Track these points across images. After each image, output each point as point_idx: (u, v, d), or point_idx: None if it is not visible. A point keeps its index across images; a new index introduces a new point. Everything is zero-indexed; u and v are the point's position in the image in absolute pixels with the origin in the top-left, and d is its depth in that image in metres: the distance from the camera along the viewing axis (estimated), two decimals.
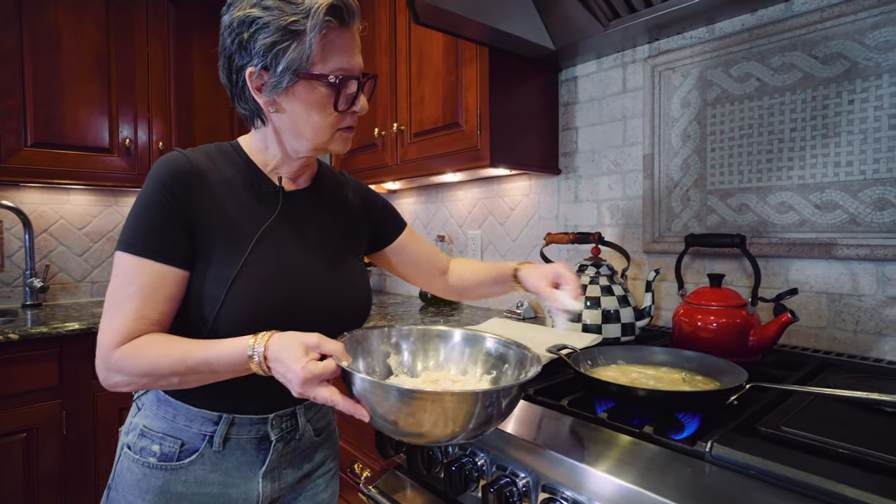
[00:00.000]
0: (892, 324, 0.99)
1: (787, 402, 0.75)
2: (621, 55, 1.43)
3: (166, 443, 0.75)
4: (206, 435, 0.75)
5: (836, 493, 0.52)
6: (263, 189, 0.78)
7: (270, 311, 0.72)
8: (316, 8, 0.67)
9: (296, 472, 0.83)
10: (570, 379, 0.90)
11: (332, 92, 0.71)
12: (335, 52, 0.70)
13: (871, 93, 1.00)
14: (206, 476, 0.75)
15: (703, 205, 1.26)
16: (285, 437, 0.80)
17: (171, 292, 0.70)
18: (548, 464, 0.70)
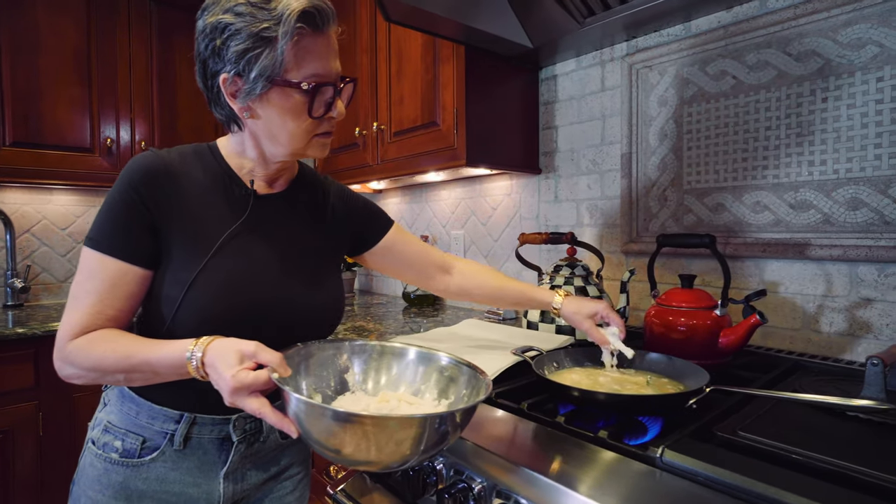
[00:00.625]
0: (864, 325, 0.98)
1: (750, 407, 0.74)
2: (600, 53, 1.41)
3: (128, 439, 0.74)
4: (167, 433, 0.74)
5: (780, 500, 0.51)
6: (236, 193, 0.77)
7: (227, 317, 0.71)
8: (287, 14, 0.66)
9: (261, 473, 0.82)
10: (534, 382, 0.88)
11: (306, 98, 0.70)
12: (309, 58, 0.69)
13: (843, 91, 0.98)
14: (166, 474, 0.75)
15: (679, 204, 1.24)
16: (248, 439, 0.79)
17: (130, 290, 0.70)
18: (503, 470, 0.68)
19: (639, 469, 0.61)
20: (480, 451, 0.71)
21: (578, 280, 1.19)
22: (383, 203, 2.30)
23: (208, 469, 0.77)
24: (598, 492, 0.57)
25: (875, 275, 0.96)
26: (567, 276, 1.21)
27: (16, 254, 1.99)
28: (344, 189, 0.94)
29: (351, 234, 0.93)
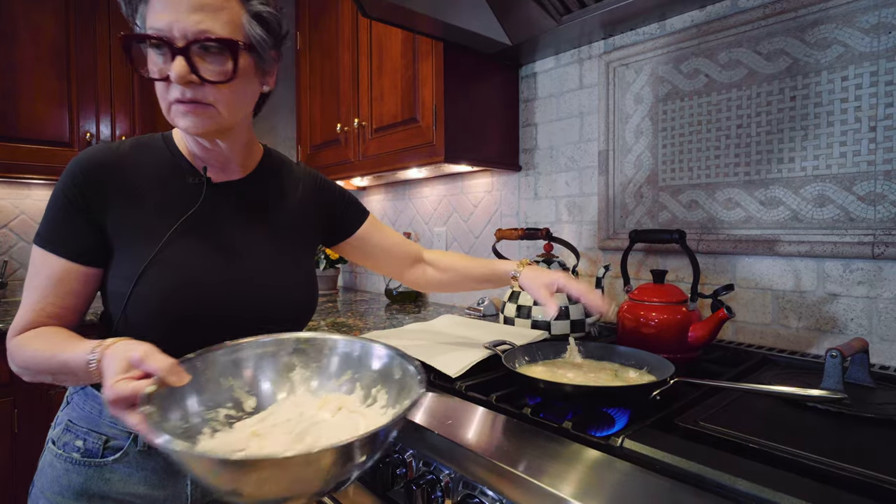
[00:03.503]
0: (830, 320, 1.00)
1: (713, 399, 0.75)
2: (578, 51, 1.42)
3: (90, 438, 0.72)
4: (131, 433, 0.72)
5: (733, 487, 0.52)
6: (189, 181, 0.74)
7: (177, 314, 0.69)
8: None
9: None
10: (504, 375, 0.89)
11: (154, 54, 0.65)
12: (161, 8, 0.63)
13: (811, 90, 1.00)
14: (130, 475, 0.72)
15: (654, 201, 1.26)
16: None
17: (72, 287, 0.68)
18: (468, 461, 0.69)
19: (600, 458, 0.62)
20: (447, 443, 0.72)
21: None
22: (366, 200, 2.29)
23: (175, 470, 0.74)
24: (558, 480, 0.58)
25: (840, 270, 0.98)
26: None
27: None
28: (317, 176, 0.92)
29: (325, 223, 0.91)
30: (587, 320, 1.15)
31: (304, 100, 2.06)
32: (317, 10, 1.95)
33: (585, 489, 0.56)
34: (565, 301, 1.11)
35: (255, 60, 0.70)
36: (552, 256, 1.25)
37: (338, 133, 1.81)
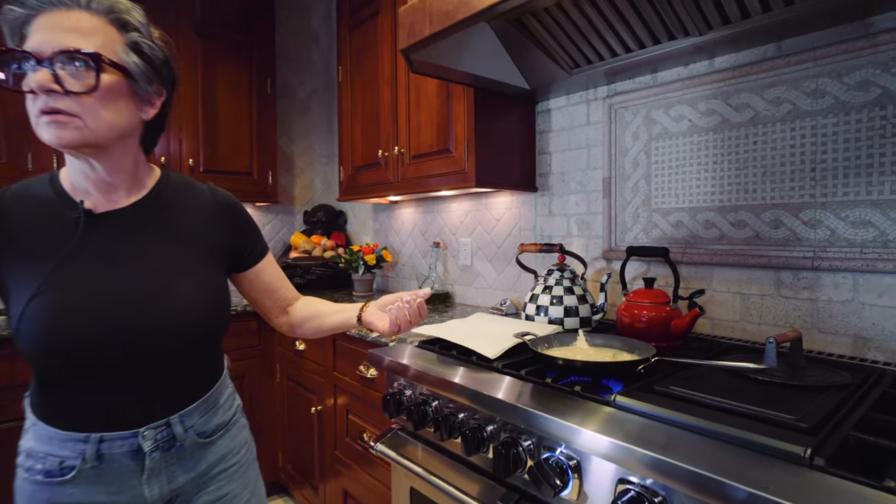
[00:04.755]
0: (784, 317, 1.27)
1: (684, 372, 1.03)
2: (585, 93, 1.71)
3: (48, 461, 0.77)
4: (78, 453, 0.77)
5: (686, 422, 0.80)
6: (69, 216, 0.77)
7: (63, 343, 0.73)
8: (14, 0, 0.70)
9: (188, 473, 0.86)
10: (530, 357, 1.18)
11: (14, 71, 0.70)
12: (26, 38, 0.70)
13: (768, 136, 1.28)
14: (90, 488, 0.78)
15: (648, 221, 1.54)
16: (162, 447, 0.82)
17: None
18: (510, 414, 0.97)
19: (601, 409, 0.90)
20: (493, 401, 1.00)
21: (566, 281, 1.48)
22: (398, 212, 2.59)
23: (129, 477, 0.79)
24: (576, 421, 0.86)
25: (791, 278, 1.26)
26: (557, 278, 1.50)
27: None
28: (230, 202, 0.95)
29: (231, 248, 0.94)
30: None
31: (346, 126, 2.35)
32: (358, 47, 2.25)
33: (593, 426, 0.84)
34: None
35: (127, 84, 0.75)
36: (565, 265, 1.53)
37: (378, 157, 2.10)
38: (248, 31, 2.53)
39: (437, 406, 1.15)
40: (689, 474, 0.68)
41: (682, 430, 0.80)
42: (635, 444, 0.76)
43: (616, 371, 1.03)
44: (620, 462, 0.78)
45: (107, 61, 0.71)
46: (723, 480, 0.65)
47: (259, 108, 2.58)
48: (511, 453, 0.93)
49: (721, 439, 0.76)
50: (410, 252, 2.52)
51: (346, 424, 1.80)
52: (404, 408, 1.21)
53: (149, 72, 0.78)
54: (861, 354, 1.16)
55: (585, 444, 0.82)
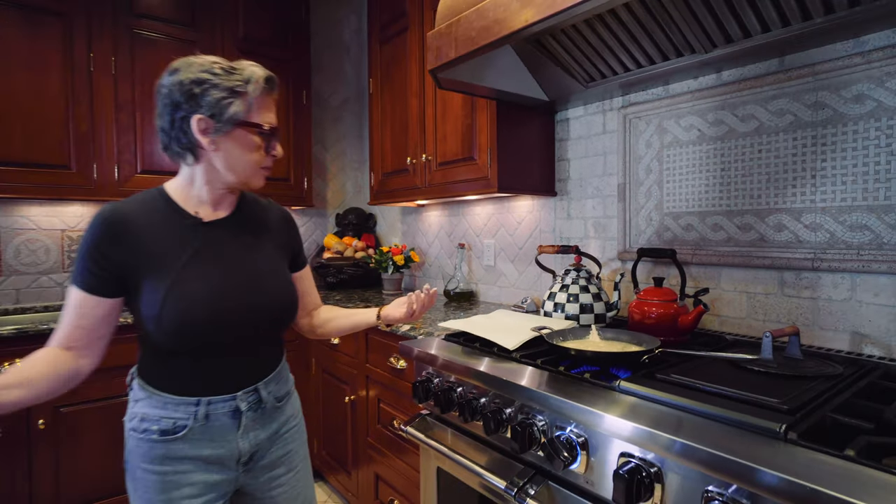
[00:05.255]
0: (787, 314, 1.36)
1: (687, 363, 1.13)
2: (601, 104, 1.81)
3: (163, 423, 0.96)
4: (190, 414, 0.97)
5: (681, 405, 0.91)
6: (186, 223, 0.98)
7: (197, 323, 0.94)
8: (255, 77, 0.95)
9: (266, 430, 1.07)
10: (546, 349, 1.29)
11: (262, 138, 0.98)
12: (264, 109, 0.98)
13: (772, 145, 1.36)
14: (198, 442, 0.98)
15: (661, 224, 1.64)
16: (252, 408, 1.03)
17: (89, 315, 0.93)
18: (526, 397, 1.10)
19: (608, 394, 1.01)
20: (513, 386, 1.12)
21: (582, 280, 1.59)
22: (425, 215, 2.73)
23: (227, 433, 1.00)
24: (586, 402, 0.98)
25: (794, 278, 1.34)
26: (574, 277, 1.61)
27: None
28: (288, 214, 1.19)
29: (289, 252, 1.16)
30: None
31: (376, 134, 2.51)
32: (388, 61, 2.40)
33: (600, 407, 0.96)
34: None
35: None
36: (581, 266, 1.64)
37: (407, 164, 2.24)
38: (284, 45, 2.71)
39: (461, 392, 1.27)
40: (679, 446, 0.80)
41: (678, 410, 0.91)
42: (636, 422, 0.87)
43: (623, 361, 1.14)
44: (622, 438, 0.89)
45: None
46: (704, 449, 0.76)
47: (295, 118, 2.76)
48: (527, 432, 1.05)
49: (711, 418, 0.87)
50: (437, 253, 2.66)
51: (378, 412, 1.95)
52: (432, 394, 1.34)
53: None
54: (858, 350, 1.23)
55: (592, 423, 0.94)
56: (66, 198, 2.18)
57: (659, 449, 0.83)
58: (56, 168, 2.12)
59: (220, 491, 1.03)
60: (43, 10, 2.07)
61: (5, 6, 2.00)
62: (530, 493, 1.06)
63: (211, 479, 1.01)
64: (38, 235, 2.35)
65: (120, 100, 2.24)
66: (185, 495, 0.98)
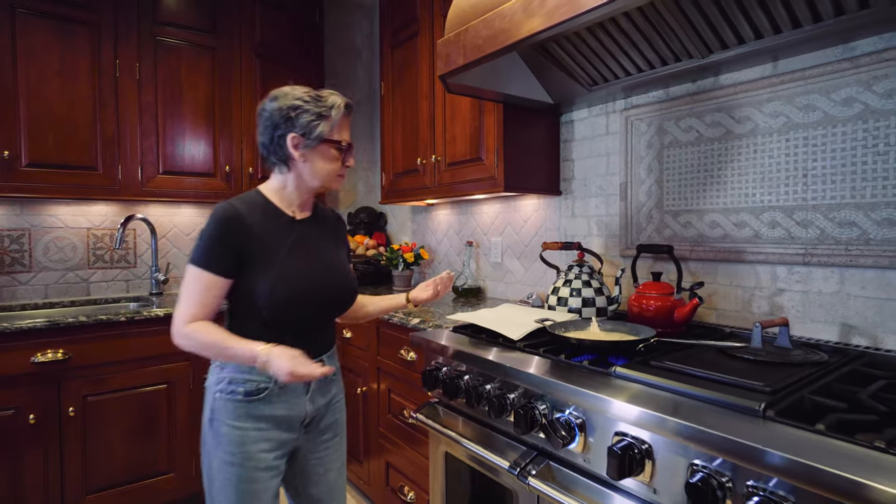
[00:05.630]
0: (779, 307, 1.42)
1: (680, 351, 1.20)
2: (605, 106, 1.88)
3: (248, 385, 1.18)
4: (271, 378, 1.18)
5: (671, 388, 0.98)
6: (282, 220, 1.23)
7: (297, 297, 1.18)
8: (338, 105, 1.20)
9: (324, 398, 1.30)
10: (548, 339, 1.37)
11: (340, 152, 1.22)
12: (343, 129, 1.23)
13: (766, 146, 1.43)
14: (274, 403, 1.20)
15: (661, 221, 1.70)
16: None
17: (217, 293, 1.15)
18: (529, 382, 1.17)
19: (605, 379, 1.09)
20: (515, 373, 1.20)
21: (585, 276, 1.66)
22: (435, 214, 2.81)
23: (299, 396, 1.23)
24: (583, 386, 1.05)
25: (786, 273, 1.40)
26: (577, 273, 1.68)
27: (158, 254, 2.60)
28: (339, 215, 1.44)
29: (344, 246, 1.41)
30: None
31: (387, 136, 2.59)
32: (399, 65, 2.48)
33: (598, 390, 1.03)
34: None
35: None
36: (583, 261, 1.71)
37: (417, 165, 2.33)
38: (299, 49, 2.81)
39: (468, 380, 1.35)
40: (668, 423, 0.87)
41: (670, 393, 0.98)
42: (630, 403, 0.94)
43: (620, 349, 1.21)
44: (617, 418, 0.97)
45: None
46: (690, 425, 0.83)
47: None
48: (529, 414, 1.13)
49: (699, 400, 0.94)
50: (446, 250, 2.74)
51: (389, 403, 2.03)
52: (440, 382, 1.42)
53: None
54: (846, 340, 1.29)
55: (589, 405, 1.02)
56: (92, 197, 2.29)
57: (650, 427, 0.91)
58: (84, 169, 2.24)
59: (285, 449, 1.25)
60: (74, 20, 2.19)
61: (39, 17, 2.12)
62: (532, 472, 1.13)
63: (281, 437, 1.22)
64: (65, 234, 2.46)
65: (143, 103, 2.34)
66: (260, 449, 1.19)
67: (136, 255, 2.62)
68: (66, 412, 1.95)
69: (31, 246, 2.38)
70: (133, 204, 2.59)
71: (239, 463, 1.18)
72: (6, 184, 2.07)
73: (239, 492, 1.18)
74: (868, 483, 0.64)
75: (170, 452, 2.17)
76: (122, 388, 2.06)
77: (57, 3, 2.15)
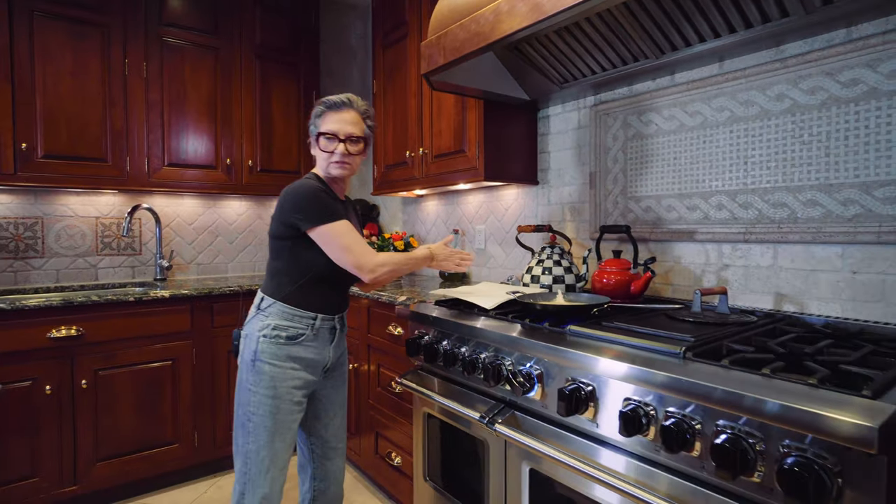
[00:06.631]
0: (725, 281, 1.59)
1: (632, 315, 1.37)
2: (576, 102, 2.05)
3: (291, 331, 1.43)
4: (308, 325, 1.45)
5: (619, 340, 1.15)
6: (337, 201, 1.49)
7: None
8: (328, 103, 1.47)
9: (340, 348, 1.59)
10: (518, 308, 1.53)
11: (328, 141, 1.45)
12: (330, 122, 1.46)
13: (714, 137, 1.59)
14: (307, 348, 1.45)
15: (625, 207, 1.87)
16: (341, 327, 1.55)
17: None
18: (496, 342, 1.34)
19: (561, 336, 1.25)
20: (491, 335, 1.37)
21: (556, 256, 1.83)
22: (424, 205, 2.98)
23: (325, 344, 1.50)
24: (545, 341, 1.22)
25: (730, 250, 1.57)
26: (549, 253, 1.85)
27: (162, 242, 2.76)
28: (354, 202, 1.68)
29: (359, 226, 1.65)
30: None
31: (378, 131, 2.76)
32: (390, 65, 2.65)
33: (553, 343, 1.20)
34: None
35: (366, 144, 1.52)
36: (555, 243, 1.88)
37: (406, 157, 2.49)
38: (296, 50, 2.97)
39: (445, 345, 1.52)
40: (607, 364, 1.03)
41: (613, 344, 1.14)
42: (578, 350, 1.11)
43: (577, 313, 1.38)
44: (568, 367, 1.13)
45: (364, 139, 1.50)
46: (623, 364, 1.00)
47: (306, 116, 3.01)
48: (496, 369, 1.30)
49: (637, 348, 1.10)
50: (434, 238, 2.91)
51: (378, 377, 2.20)
52: (422, 348, 1.59)
53: (371, 136, 1.54)
54: (779, 307, 1.46)
55: (546, 357, 1.18)
56: (102, 187, 2.45)
57: (594, 370, 1.07)
58: (95, 161, 2.39)
59: (309, 389, 1.49)
60: (86, 21, 2.35)
61: (54, 19, 2.28)
62: (499, 420, 1.30)
63: (308, 378, 1.46)
64: (75, 222, 2.62)
65: (150, 100, 2.50)
66: (293, 385, 1.43)
67: (142, 243, 2.78)
68: (79, 384, 2.10)
69: (43, 233, 2.54)
70: (140, 194, 2.74)
71: (279, 396, 1.40)
72: (24, 173, 2.23)
73: (276, 421, 1.40)
74: (735, 391, 0.81)
75: (174, 424, 2.32)
76: (130, 364, 2.22)
77: (70, 6, 2.31)
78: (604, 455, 1.07)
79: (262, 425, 1.40)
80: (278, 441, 1.42)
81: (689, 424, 0.91)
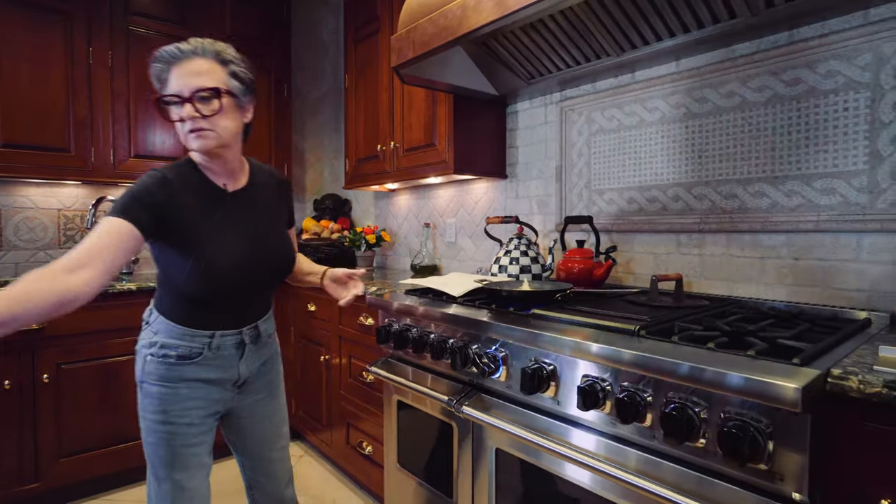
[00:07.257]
0: (682, 268, 1.67)
1: (593, 300, 1.43)
2: (543, 98, 2.11)
3: (180, 349, 1.16)
4: (204, 345, 1.18)
5: (578, 321, 1.20)
6: (216, 193, 1.17)
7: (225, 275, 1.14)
8: (159, 59, 1.08)
9: (259, 359, 1.31)
10: (485, 296, 1.58)
11: (165, 108, 1.09)
12: (176, 78, 1.06)
13: (671, 132, 1.67)
14: (207, 367, 1.19)
15: (589, 199, 1.94)
16: (253, 340, 1.26)
17: (125, 246, 1.02)
18: (464, 326, 1.38)
19: (524, 319, 1.30)
20: (460, 320, 1.41)
21: (523, 247, 1.88)
22: (396, 199, 3.00)
23: (232, 360, 1.23)
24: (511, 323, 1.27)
25: (687, 239, 1.66)
26: (516, 244, 1.90)
27: None
28: (280, 176, 1.36)
29: (285, 212, 1.35)
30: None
31: (350, 125, 2.77)
32: (361, 59, 2.66)
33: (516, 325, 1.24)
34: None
35: (234, 101, 1.12)
36: (522, 234, 1.93)
37: (377, 151, 2.51)
38: (268, 42, 2.95)
39: (414, 332, 1.55)
40: (566, 342, 1.09)
41: (574, 325, 1.20)
42: (539, 330, 1.16)
43: (541, 297, 1.44)
44: (530, 348, 1.18)
45: (222, 90, 1.09)
46: (582, 342, 1.05)
47: (276, 110, 3.00)
48: (463, 353, 1.34)
49: (595, 328, 1.16)
50: (406, 233, 2.94)
51: (350, 367, 2.22)
52: (391, 335, 1.62)
53: (244, 89, 1.16)
54: (731, 293, 1.55)
55: (510, 339, 1.23)
56: (65, 179, 2.39)
57: (554, 349, 1.13)
58: (57, 151, 2.34)
59: (216, 408, 1.24)
60: (46, 8, 2.29)
61: (9, 3, 2.21)
62: (466, 402, 1.34)
63: (211, 395, 1.21)
64: (36, 214, 2.55)
65: (115, 90, 2.46)
66: (191, 406, 1.18)
67: None
68: (40, 379, 2.06)
69: (1, 225, 2.46)
70: (105, 186, 2.69)
71: (171, 421, 1.17)
72: None
73: (171, 449, 1.17)
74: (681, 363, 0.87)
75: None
76: (94, 358, 2.18)
77: None
78: (565, 431, 1.13)
79: (156, 455, 1.18)
80: (179, 472, 1.18)
81: (641, 397, 0.97)
